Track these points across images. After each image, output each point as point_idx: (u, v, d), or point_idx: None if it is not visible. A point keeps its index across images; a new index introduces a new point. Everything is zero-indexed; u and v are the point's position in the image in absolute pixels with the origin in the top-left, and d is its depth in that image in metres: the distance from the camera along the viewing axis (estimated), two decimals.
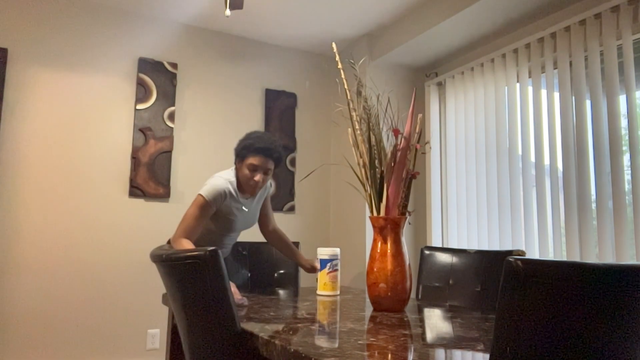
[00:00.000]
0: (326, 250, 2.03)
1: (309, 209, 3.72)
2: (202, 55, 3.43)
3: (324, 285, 2.01)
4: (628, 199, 2.23)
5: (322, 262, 2.02)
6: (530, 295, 0.68)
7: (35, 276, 2.79)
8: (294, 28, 3.44)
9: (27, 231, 2.80)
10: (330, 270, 2.01)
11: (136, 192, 3.07)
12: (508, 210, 2.79)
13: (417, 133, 1.71)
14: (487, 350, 1.03)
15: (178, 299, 1.34)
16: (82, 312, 2.88)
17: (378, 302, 1.60)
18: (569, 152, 2.47)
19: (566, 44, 2.54)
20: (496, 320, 0.71)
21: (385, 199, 1.63)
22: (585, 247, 2.35)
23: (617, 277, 0.67)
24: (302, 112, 3.78)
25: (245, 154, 2.00)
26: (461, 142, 3.18)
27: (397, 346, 1.06)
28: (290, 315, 1.47)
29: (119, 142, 3.09)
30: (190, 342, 1.34)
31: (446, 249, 2.07)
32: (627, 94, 2.25)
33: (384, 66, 3.54)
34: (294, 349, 1.02)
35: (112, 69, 3.12)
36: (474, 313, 1.58)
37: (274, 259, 2.73)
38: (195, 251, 1.22)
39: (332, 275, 2.01)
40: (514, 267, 0.69)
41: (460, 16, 2.78)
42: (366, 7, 3.11)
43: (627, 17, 2.26)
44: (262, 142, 1.98)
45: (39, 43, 2.93)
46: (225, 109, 3.47)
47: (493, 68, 2.97)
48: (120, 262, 3.02)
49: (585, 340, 0.68)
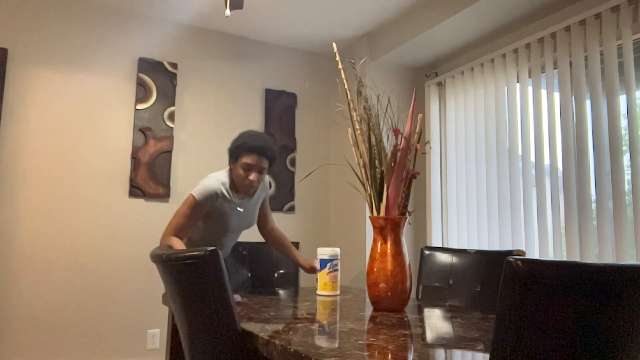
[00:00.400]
0: (326, 251, 2.03)
1: (309, 209, 3.72)
2: (202, 55, 3.43)
3: (324, 285, 2.01)
4: (628, 199, 2.23)
5: (322, 262, 2.02)
6: (530, 295, 0.68)
7: (35, 276, 2.79)
8: (294, 28, 3.44)
9: (27, 231, 2.80)
10: (330, 270, 2.01)
11: (136, 192, 3.07)
12: (508, 210, 2.79)
13: (417, 133, 1.71)
14: (487, 350, 1.03)
15: (178, 299, 1.34)
16: (82, 312, 2.88)
17: (378, 302, 1.60)
18: (569, 152, 2.47)
19: (566, 44, 2.54)
20: (496, 320, 0.71)
21: (385, 199, 1.63)
22: (585, 247, 2.35)
23: (617, 277, 0.67)
24: (302, 112, 3.78)
25: (239, 154, 1.99)
26: (461, 142, 3.18)
27: (397, 346, 1.06)
28: (290, 315, 1.47)
29: (119, 142, 3.09)
30: (190, 342, 1.34)
31: (446, 249, 2.07)
32: (627, 94, 2.25)
33: (384, 66, 3.54)
34: (294, 349, 1.02)
35: (112, 69, 3.12)
36: (474, 313, 1.58)
37: (274, 259, 2.72)
38: (195, 251, 1.22)
39: (332, 275, 2.01)
40: (514, 267, 0.69)
41: (460, 16, 2.78)
42: (366, 7, 3.11)
43: (627, 17, 2.26)
44: (256, 141, 1.96)
45: (39, 43, 2.93)
46: (225, 109, 3.47)
47: (493, 68, 2.97)
48: (120, 262, 3.02)
49: (586, 340, 0.68)
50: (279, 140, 3.61)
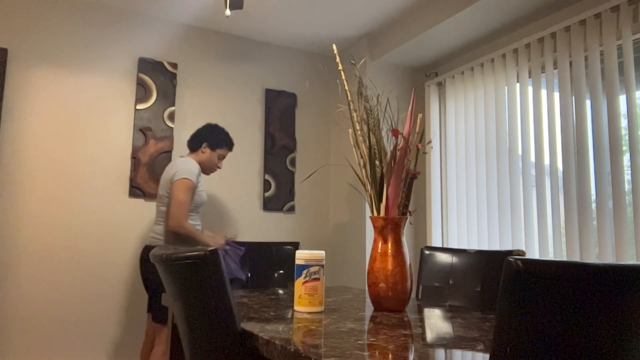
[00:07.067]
0: (302, 254, 1.58)
1: (309, 209, 3.72)
2: (202, 55, 3.43)
3: (300, 300, 1.55)
4: (628, 199, 2.23)
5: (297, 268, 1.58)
6: (530, 295, 0.68)
7: (35, 276, 2.79)
8: (294, 28, 3.44)
9: (27, 231, 2.80)
10: (307, 280, 1.55)
11: (136, 192, 3.07)
12: (508, 210, 2.79)
13: (417, 133, 1.72)
14: (487, 350, 1.03)
15: (178, 299, 1.34)
16: (82, 312, 2.88)
17: (378, 302, 1.60)
18: (569, 152, 2.47)
19: (566, 44, 2.54)
20: (496, 320, 0.71)
21: (385, 199, 1.63)
22: (585, 247, 2.35)
23: (617, 277, 0.67)
24: (302, 112, 3.78)
25: (219, 145, 2.65)
26: (461, 142, 3.18)
27: (397, 346, 1.06)
28: (290, 315, 1.47)
29: (119, 142, 3.09)
30: (190, 341, 1.34)
31: (446, 249, 2.07)
32: (627, 94, 2.25)
33: (384, 66, 3.54)
34: (294, 349, 1.02)
35: (112, 69, 3.12)
36: (474, 313, 1.58)
37: (274, 259, 2.72)
38: (195, 251, 1.22)
39: (310, 287, 1.55)
40: (514, 267, 0.69)
41: (460, 16, 2.78)
42: (366, 7, 3.11)
43: (627, 17, 2.26)
44: (231, 138, 2.71)
45: (39, 43, 2.93)
46: (225, 108, 3.47)
47: (493, 68, 2.97)
48: (120, 262, 3.02)
49: (585, 341, 0.68)
50: (279, 140, 3.61)
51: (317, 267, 1.57)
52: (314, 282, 1.56)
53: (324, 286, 1.70)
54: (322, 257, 1.59)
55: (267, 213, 3.53)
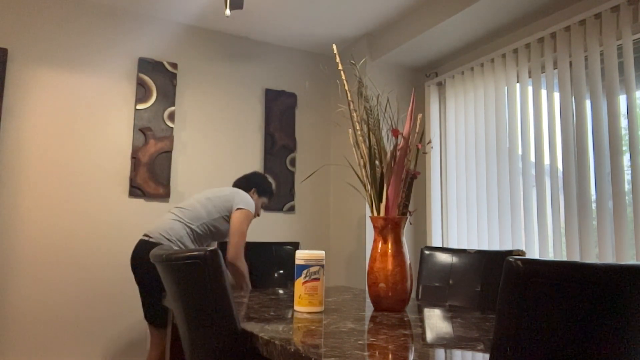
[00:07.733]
0: (303, 254, 1.61)
1: (309, 209, 3.72)
2: (202, 55, 3.43)
3: (299, 300, 1.58)
4: (628, 199, 2.23)
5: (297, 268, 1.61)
6: (530, 295, 0.68)
7: (35, 277, 2.79)
8: (294, 28, 3.44)
9: (27, 231, 2.80)
10: (307, 280, 1.58)
11: (136, 192, 3.07)
12: (508, 210, 2.79)
13: (417, 133, 1.72)
14: (487, 350, 1.03)
15: (178, 299, 1.34)
16: (82, 312, 2.88)
17: (378, 302, 1.60)
18: (569, 152, 2.47)
19: (566, 44, 2.54)
20: (496, 320, 0.71)
21: (385, 199, 1.63)
22: (585, 247, 2.35)
23: (617, 277, 0.67)
24: (302, 112, 3.78)
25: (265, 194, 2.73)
26: (461, 142, 3.18)
27: (397, 346, 1.06)
28: (290, 315, 1.47)
29: (119, 142, 3.09)
30: (190, 341, 1.34)
31: (446, 249, 2.07)
32: (627, 94, 2.25)
33: (384, 66, 3.54)
34: (294, 349, 1.02)
35: (112, 69, 3.12)
36: (474, 313, 1.58)
37: (274, 259, 2.72)
38: (195, 251, 1.22)
39: (311, 287, 1.58)
40: (514, 267, 0.69)
41: (460, 16, 2.78)
42: (366, 7, 3.11)
43: (627, 17, 2.26)
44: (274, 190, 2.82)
45: (39, 43, 2.93)
46: (225, 108, 3.47)
47: (493, 68, 2.97)
48: (120, 262, 3.02)
49: (586, 340, 0.68)
50: (279, 140, 3.61)
51: (317, 267, 1.59)
52: (314, 282, 1.58)
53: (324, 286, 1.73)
54: (322, 257, 1.60)
55: (267, 213, 3.53)
